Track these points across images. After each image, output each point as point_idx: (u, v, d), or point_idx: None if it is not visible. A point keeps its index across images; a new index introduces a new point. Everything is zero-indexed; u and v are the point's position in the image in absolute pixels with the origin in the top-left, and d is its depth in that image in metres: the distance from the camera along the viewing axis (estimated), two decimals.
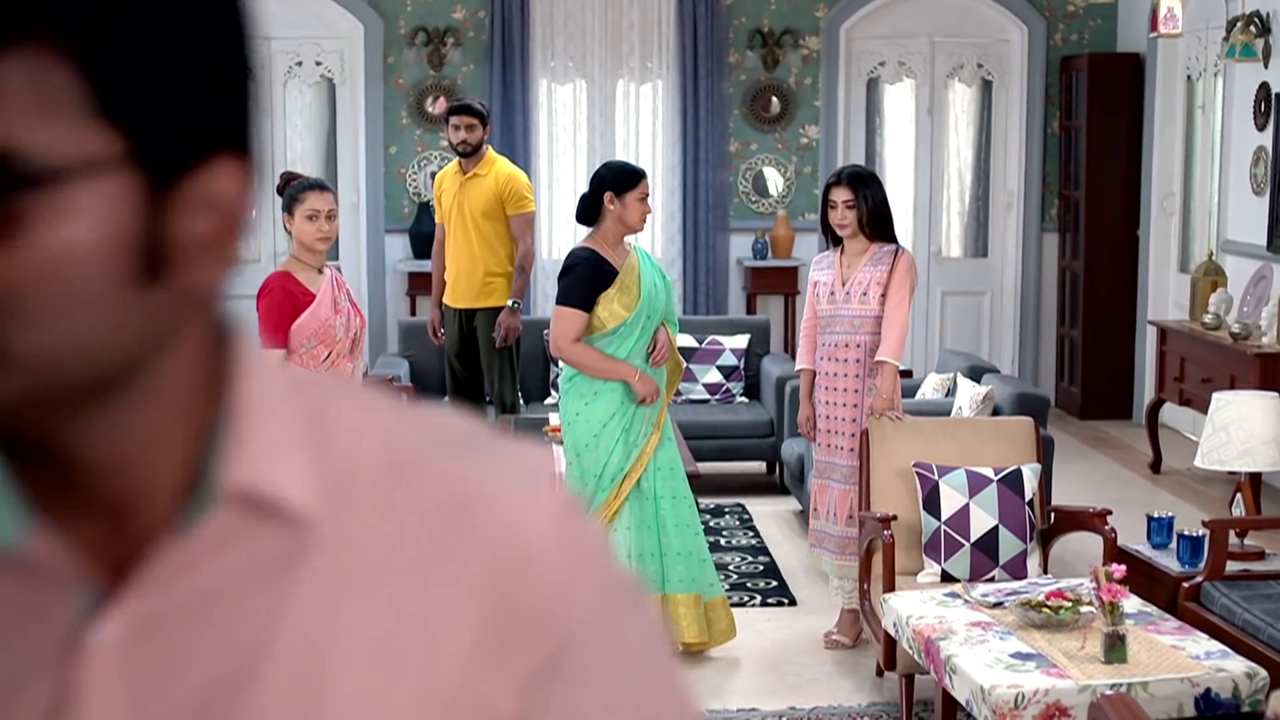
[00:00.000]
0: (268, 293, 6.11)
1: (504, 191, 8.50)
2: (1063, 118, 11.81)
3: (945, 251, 12.17)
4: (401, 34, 11.58)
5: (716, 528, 8.41)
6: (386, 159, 11.67)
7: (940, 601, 5.31)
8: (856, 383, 6.43)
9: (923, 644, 4.98)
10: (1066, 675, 4.53)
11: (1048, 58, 11.83)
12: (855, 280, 6.41)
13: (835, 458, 6.49)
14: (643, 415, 6.17)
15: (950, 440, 6.23)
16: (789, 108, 11.77)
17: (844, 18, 11.76)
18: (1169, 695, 4.50)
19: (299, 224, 6.15)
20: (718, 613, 6.33)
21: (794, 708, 5.84)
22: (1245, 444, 5.89)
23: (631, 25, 11.59)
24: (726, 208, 11.74)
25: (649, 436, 6.18)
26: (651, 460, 6.20)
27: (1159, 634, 4.91)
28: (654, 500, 6.21)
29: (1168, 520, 6.17)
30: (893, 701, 5.85)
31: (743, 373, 9.67)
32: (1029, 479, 5.99)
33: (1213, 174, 10.57)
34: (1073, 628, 4.88)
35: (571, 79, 11.67)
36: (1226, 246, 10.00)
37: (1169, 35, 9.16)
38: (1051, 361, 12.08)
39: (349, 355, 6.24)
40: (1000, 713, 4.44)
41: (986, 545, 5.87)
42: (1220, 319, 9.16)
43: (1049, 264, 12.04)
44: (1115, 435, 10.95)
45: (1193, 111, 10.94)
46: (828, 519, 6.53)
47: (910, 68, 11.95)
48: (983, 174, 12.12)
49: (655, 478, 6.21)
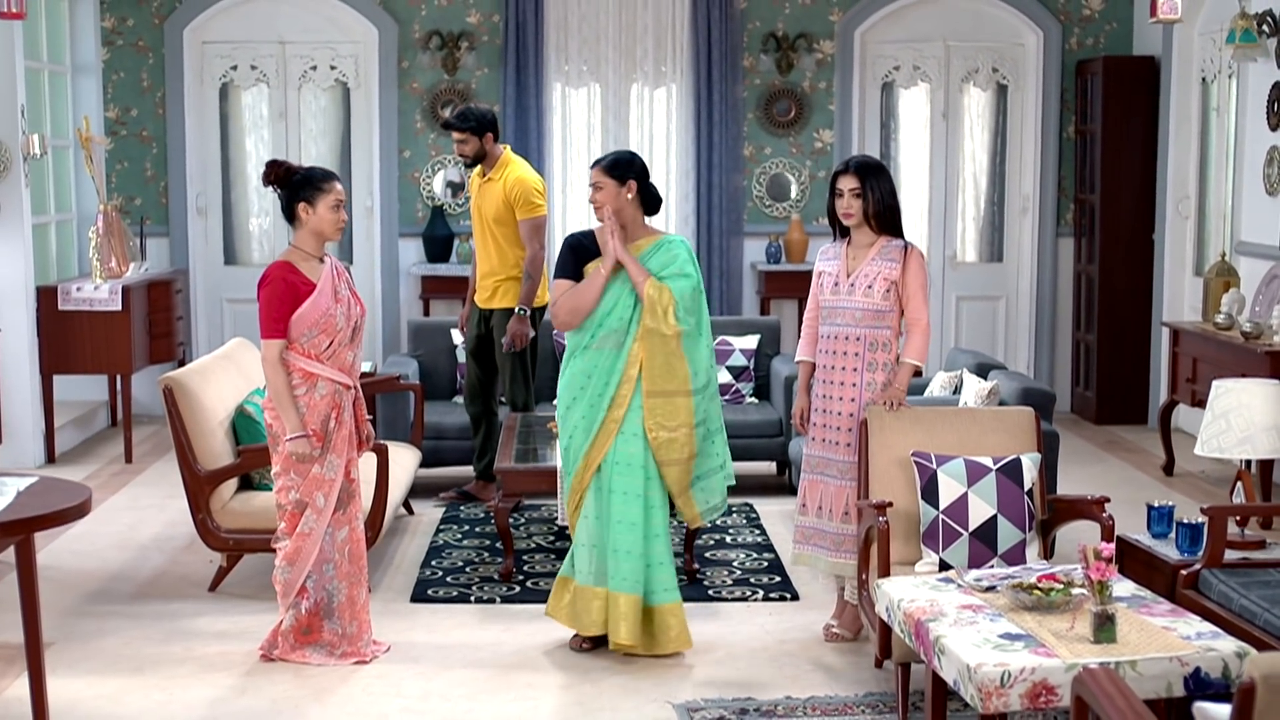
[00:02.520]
0: (269, 283, 6.12)
1: (512, 195, 8.50)
2: (1078, 121, 11.77)
3: (960, 256, 12.12)
4: (416, 38, 11.61)
5: (723, 525, 8.38)
6: (400, 163, 11.69)
7: (933, 586, 5.27)
8: (855, 376, 6.38)
9: (913, 626, 4.95)
10: (1054, 654, 4.49)
11: (1063, 61, 11.80)
12: (861, 273, 6.37)
13: (831, 453, 6.42)
14: (606, 400, 6.19)
15: (950, 430, 6.18)
16: (803, 112, 11.76)
17: (859, 22, 11.75)
18: (1158, 674, 4.45)
19: (322, 213, 6.16)
20: (666, 619, 6.24)
21: (790, 697, 5.80)
22: (1245, 431, 5.84)
23: (645, 29, 11.60)
24: (740, 212, 11.72)
25: (604, 426, 6.20)
26: (610, 452, 6.21)
27: (1150, 616, 4.86)
28: (608, 494, 6.22)
29: (1168, 509, 6.12)
30: (889, 692, 5.80)
31: (752, 373, 9.65)
32: (1028, 468, 5.94)
33: (1227, 176, 10.51)
34: (1063, 609, 4.84)
35: (585, 83, 11.68)
36: (1240, 248, 9.95)
37: (1168, 20, 9.10)
38: (1067, 366, 12.02)
39: (349, 344, 6.24)
40: (986, 691, 4.40)
41: (985, 534, 5.82)
42: (1233, 319, 9.11)
43: (1064, 268, 11.99)
44: (1130, 439, 10.89)
45: (1208, 114, 10.89)
46: (818, 515, 6.46)
47: (925, 72, 11.92)
48: (998, 178, 12.08)
49: (612, 471, 6.21)
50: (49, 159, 10.89)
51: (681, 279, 6.23)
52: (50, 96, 11.09)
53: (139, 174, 11.65)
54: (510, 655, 6.32)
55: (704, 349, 6.29)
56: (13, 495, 4.97)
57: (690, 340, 6.23)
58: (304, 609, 6.23)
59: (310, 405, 6.13)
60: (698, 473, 6.32)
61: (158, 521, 8.54)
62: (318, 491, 6.18)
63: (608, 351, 6.22)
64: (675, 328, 6.19)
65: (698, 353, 6.26)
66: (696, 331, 6.25)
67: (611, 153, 6.49)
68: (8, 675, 6.01)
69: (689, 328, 6.22)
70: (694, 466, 6.29)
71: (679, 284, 6.23)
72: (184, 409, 6.96)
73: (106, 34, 11.55)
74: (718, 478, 6.40)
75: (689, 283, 6.25)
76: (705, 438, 6.31)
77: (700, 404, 6.25)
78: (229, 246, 11.95)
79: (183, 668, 6.18)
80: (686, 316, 6.23)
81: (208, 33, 11.69)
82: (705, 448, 6.32)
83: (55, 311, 10.04)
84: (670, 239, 6.36)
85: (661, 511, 6.26)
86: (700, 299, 6.30)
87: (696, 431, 6.24)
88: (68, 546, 8.00)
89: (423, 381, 9.28)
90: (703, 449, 6.30)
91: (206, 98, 11.76)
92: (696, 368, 6.24)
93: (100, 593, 7.23)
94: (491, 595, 7.14)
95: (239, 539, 7.05)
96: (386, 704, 5.78)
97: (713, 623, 6.76)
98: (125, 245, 10.61)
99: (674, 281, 6.23)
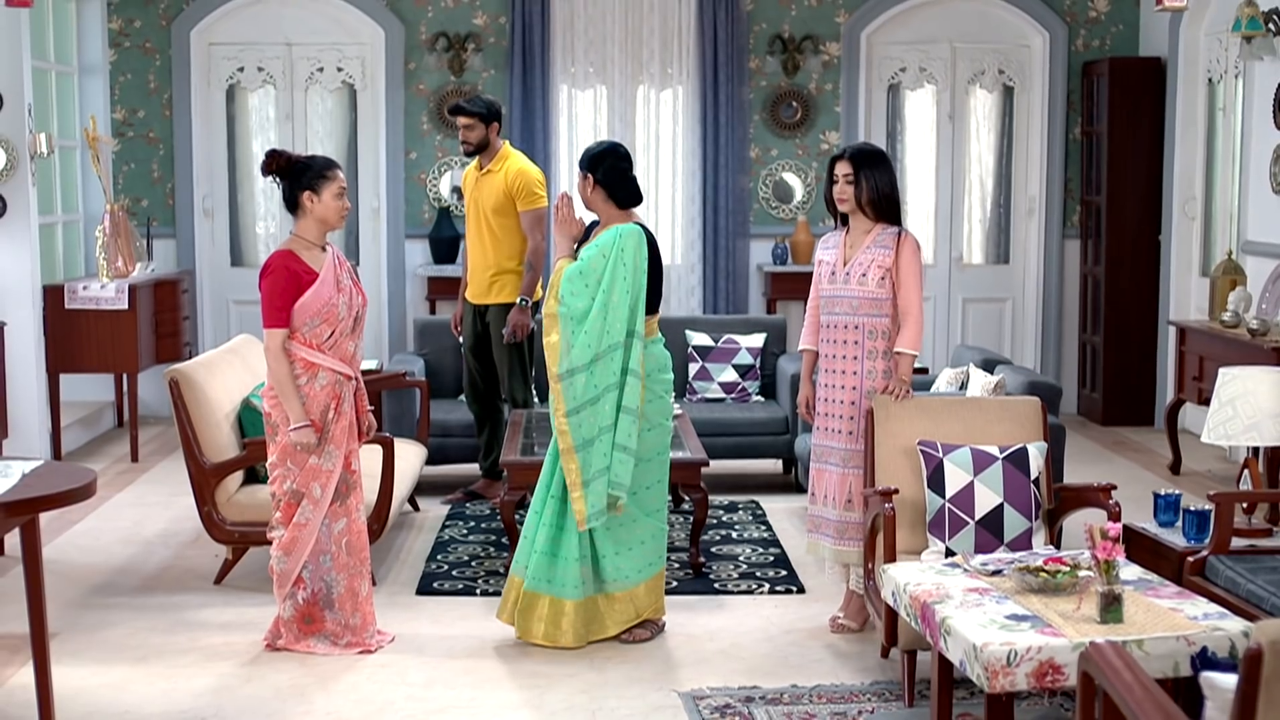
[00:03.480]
0: (271, 272, 6.11)
1: (513, 187, 8.51)
2: (1084, 123, 11.76)
3: (966, 258, 12.12)
4: (422, 40, 11.62)
5: (729, 522, 8.37)
6: (407, 164, 11.69)
7: (939, 571, 5.25)
8: (855, 364, 6.37)
9: (919, 609, 4.93)
10: (1061, 634, 4.47)
11: (1069, 63, 11.80)
12: (856, 261, 6.36)
13: (832, 440, 6.43)
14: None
15: (956, 419, 6.17)
16: (809, 114, 11.76)
17: (865, 23, 11.75)
18: (1164, 654, 4.43)
19: (327, 201, 6.15)
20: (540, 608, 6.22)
21: (796, 685, 5.79)
22: (1252, 418, 5.83)
23: (652, 31, 11.60)
24: (746, 213, 11.72)
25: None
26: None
27: (1157, 598, 4.84)
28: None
29: (1174, 498, 6.11)
30: (895, 681, 5.79)
31: (758, 371, 9.64)
32: (1034, 457, 5.93)
33: (1233, 176, 10.50)
34: (1070, 591, 4.82)
35: (592, 84, 11.69)
36: (1247, 247, 9.93)
37: (1174, 7, 9.09)
38: (1073, 368, 12.00)
39: (350, 334, 6.23)
40: (992, 670, 4.38)
41: (991, 523, 5.81)
42: (1239, 316, 9.10)
43: (1070, 270, 11.98)
44: (1136, 440, 10.87)
45: (1214, 114, 10.88)
46: (824, 503, 6.48)
47: (931, 73, 11.93)
48: (1004, 180, 12.08)
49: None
50: (56, 160, 10.91)
51: (580, 260, 6.16)
52: (57, 97, 11.11)
53: (146, 175, 11.66)
54: (515, 645, 6.30)
55: (583, 336, 6.06)
56: (18, 477, 4.97)
57: (573, 324, 6.08)
58: (301, 599, 6.22)
59: (310, 395, 6.12)
60: (586, 474, 6.10)
61: (163, 518, 8.54)
62: (314, 482, 6.17)
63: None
64: (551, 308, 6.12)
65: (575, 339, 6.07)
66: (580, 316, 6.08)
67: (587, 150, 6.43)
68: (12, 664, 6.01)
69: (569, 309, 6.08)
70: (580, 463, 6.08)
71: (572, 266, 6.15)
72: (190, 401, 6.96)
73: (113, 35, 11.56)
74: (599, 483, 6.12)
75: (578, 265, 6.12)
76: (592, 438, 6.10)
77: (569, 391, 6.07)
78: (235, 248, 11.96)
79: (187, 657, 6.17)
80: (570, 299, 6.08)
81: (214, 34, 11.71)
82: (590, 447, 6.09)
83: (62, 310, 10.04)
84: (617, 227, 6.23)
85: (556, 502, 6.23)
86: (600, 285, 6.09)
87: (570, 421, 6.08)
88: (73, 542, 8.00)
89: (429, 379, 9.27)
90: (588, 447, 6.09)
91: (213, 99, 11.77)
92: (564, 355, 6.08)
93: (105, 586, 7.23)
94: (497, 588, 7.12)
95: (244, 531, 7.05)
96: (392, 691, 5.77)
97: (718, 615, 6.74)
98: (132, 245, 10.62)
99: (572, 264, 6.17)
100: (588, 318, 6.08)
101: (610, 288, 6.10)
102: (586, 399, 6.08)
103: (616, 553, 6.28)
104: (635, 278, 6.14)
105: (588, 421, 6.09)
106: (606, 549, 6.27)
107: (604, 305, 6.08)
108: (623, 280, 6.10)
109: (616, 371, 6.11)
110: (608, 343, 6.09)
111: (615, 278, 6.10)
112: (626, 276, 6.11)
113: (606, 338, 6.09)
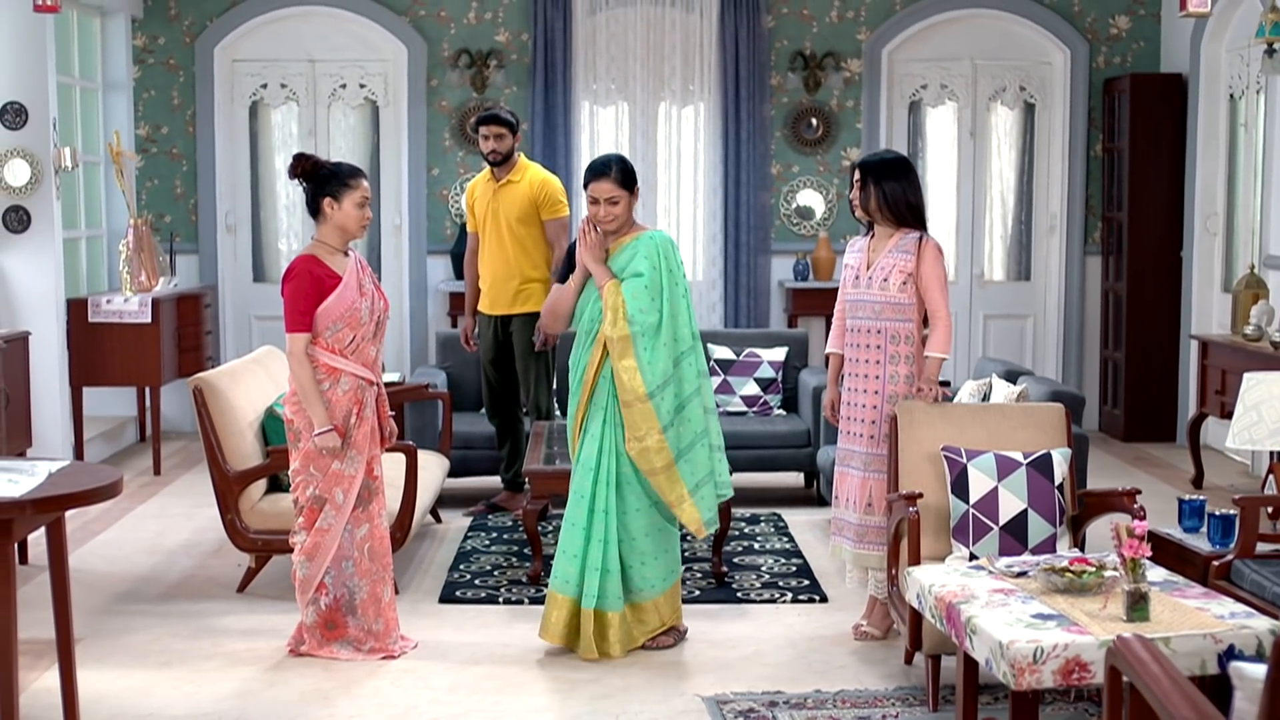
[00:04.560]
0: (294, 276, 6.13)
1: (539, 196, 8.55)
2: (1105, 139, 11.76)
3: (988, 275, 12.12)
4: (445, 57, 11.66)
5: (751, 534, 8.37)
6: (429, 180, 11.73)
7: (964, 573, 5.24)
8: (877, 369, 6.38)
9: (944, 610, 4.92)
10: (1087, 631, 4.46)
11: (1090, 80, 11.81)
12: (878, 266, 6.39)
13: (855, 445, 6.44)
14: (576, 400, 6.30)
15: (980, 426, 6.17)
16: (831, 130, 11.78)
17: (886, 40, 11.78)
18: (1191, 651, 4.42)
19: (348, 209, 6.16)
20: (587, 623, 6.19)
21: (819, 691, 5.78)
22: (1276, 423, 5.82)
23: (673, 48, 11.63)
24: (768, 230, 11.73)
25: (573, 425, 6.32)
26: (578, 453, 6.31)
27: (1183, 598, 4.83)
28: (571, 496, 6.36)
29: (1199, 503, 6.09)
30: (919, 686, 5.78)
31: (780, 385, 9.63)
32: (1059, 463, 5.92)
33: (1255, 191, 10.49)
34: (1096, 591, 4.82)
35: (614, 101, 11.71)
36: (1269, 261, 9.92)
37: (1198, 13, 9.08)
38: (1095, 384, 11.98)
39: (372, 339, 6.24)
40: (1019, 667, 4.38)
41: (1015, 528, 5.80)
42: (1262, 330, 9.08)
43: (1092, 287, 11.97)
44: (1158, 455, 10.84)
45: (1235, 130, 10.87)
46: (845, 506, 6.48)
47: (952, 90, 11.94)
48: (1025, 197, 12.08)
49: (575, 473, 6.32)
50: (80, 175, 10.96)
51: (634, 278, 6.15)
52: (82, 113, 11.17)
53: (169, 191, 11.71)
54: (539, 651, 6.30)
55: (662, 350, 6.11)
56: (44, 476, 4.98)
57: (647, 341, 6.11)
58: (323, 604, 6.23)
59: (333, 400, 6.13)
60: (690, 483, 6.17)
61: (186, 529, 8.56)
62: (337, 488, 6.18)
63: (582, 353, 6.28)
64: (623, 329, 6.07)
65: (655, 355, 6.11)
66: (654, 330, 6.11)
67: (610, 161, 6.31)
68: (37, 668, 6.02)
69: (641, 327, 6.09)
70: (682, 474, 6.15)
71: (631, 283, 6.13)
72: (214, 409, 6.98)
73: (138, 52, 11.63)
74: (707, 488, 6.24)
75: (640, 281, 6.12)
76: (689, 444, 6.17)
77: (661, 406, 6.10)
78: (257, 263, 12.00)
79: (210, 662, 6.18)
80: (641, 315, 6.09)
81: (238, 51, 11.76)
82: (689, 455, 6.16)
83: (85, 323, 10.08)
84: (645, 236, 6.25)
85: (608, 517, 6.20)
86: (663, 295, 6.14)
87: (667, 436, 6.11)
88: (97, 552, 8.02)
89: (451, 392, 9.28)
90: (686, 455, 6.16)
91: (236, 116, 11.83)
92: (649, 372, 6.10)
93: (129, 593, 7.24)
94: (520, 597, 7.13)
95: (267, 540, 7.06)
96: (415, 695, 5.77)
97: (741, 623, 6.74)
98: (155, 260, 10.66)
99: (629, 282, 6.15)
100: (660, 330, 6.14)
101: (671, 296, 6.19)
102: (675, 410, 6.16)
103: (643, 563, 6.28)
104: (683, 281, 6.26)
105: (682, 432, 6.16)
106: (633, 560, 6.27)
107: (671, 314, 6.18)
108: (676, 286, 6.21)
109: (694, 375, 6.22)
110: (680, 349, 6.20)
111: (670, 284, 6.19)
112: (678, 281, 6.22)
113: (678, 345, 6.19)
